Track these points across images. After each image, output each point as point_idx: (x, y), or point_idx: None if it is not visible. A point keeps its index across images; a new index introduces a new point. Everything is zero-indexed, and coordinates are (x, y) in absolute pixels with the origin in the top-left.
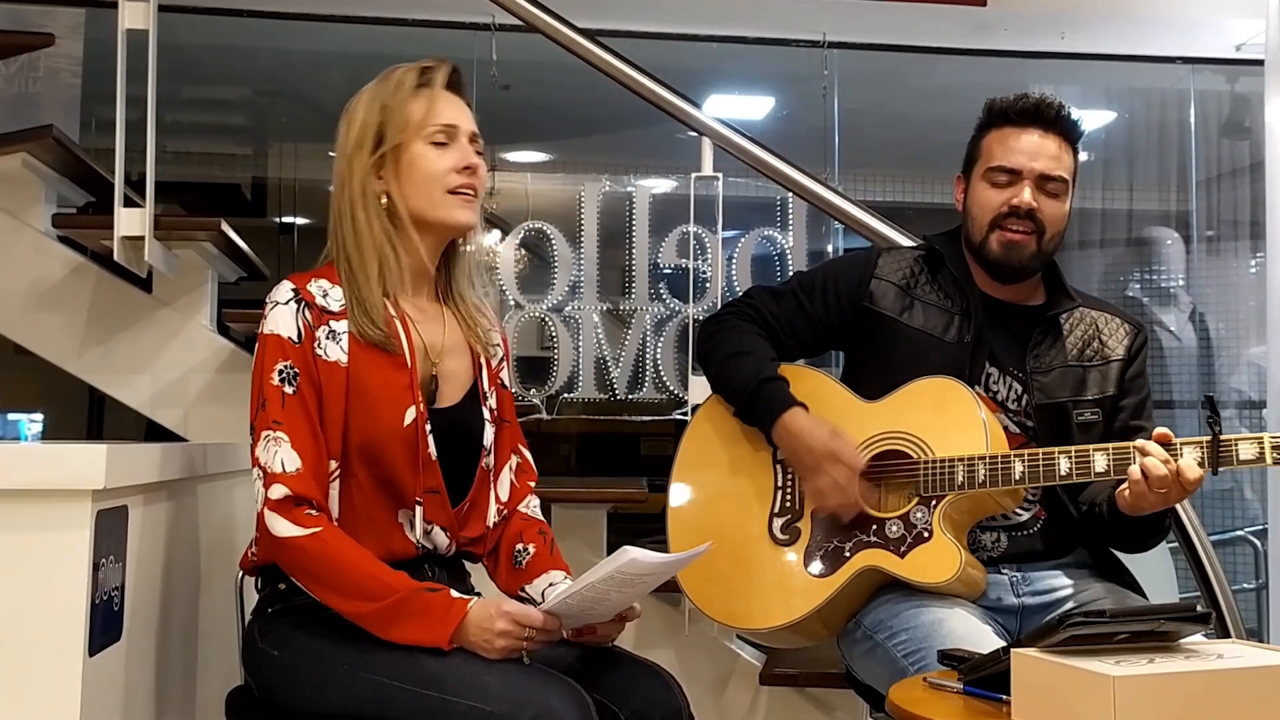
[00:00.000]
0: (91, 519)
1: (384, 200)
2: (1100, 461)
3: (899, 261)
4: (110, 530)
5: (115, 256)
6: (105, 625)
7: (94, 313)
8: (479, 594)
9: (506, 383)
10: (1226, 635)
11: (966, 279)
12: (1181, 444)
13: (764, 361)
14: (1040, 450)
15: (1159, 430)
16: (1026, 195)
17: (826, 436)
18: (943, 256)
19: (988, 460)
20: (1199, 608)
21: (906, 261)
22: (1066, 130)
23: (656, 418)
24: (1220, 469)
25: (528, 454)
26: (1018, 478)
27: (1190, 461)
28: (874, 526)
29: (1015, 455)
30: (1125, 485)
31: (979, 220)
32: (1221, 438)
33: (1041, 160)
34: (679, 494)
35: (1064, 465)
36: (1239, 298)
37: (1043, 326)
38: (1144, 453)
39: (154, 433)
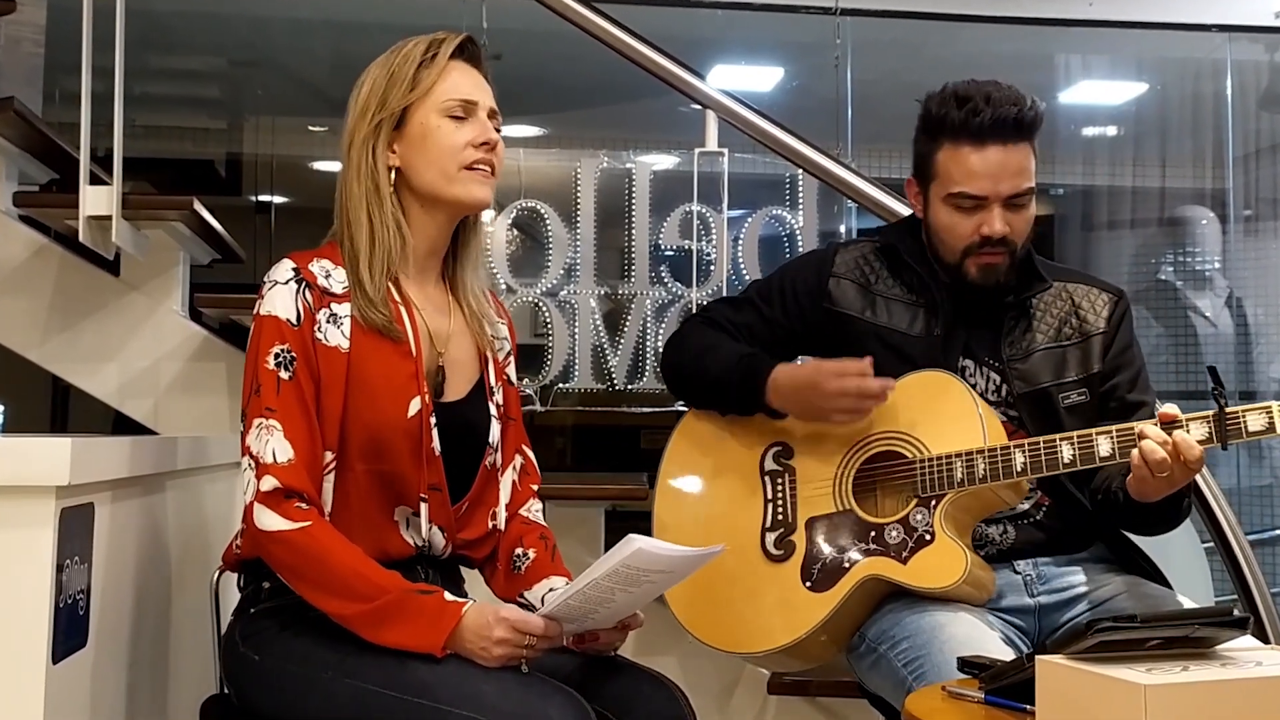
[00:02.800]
0: (55, 518)
1: (392, 175)
2: (1104, 446)
3: (856, 257)
4: (75, 530)
5: (80, 237)
6: (70, 631)
7: (58, 297)
8: (473, 600)
9: (513, 379)
10: (1266, 641)
11: (929, 270)
12: (1187, 420)
13: (736, 348)
14: (1041, 439)
15: (1164, 409)
16: (998, 225)
17: (813, 368)
18: (898, 250)
19: (986, 454)
20: (1236, 612)
21: (863, 256)
22: (1027, 133)
23: (657, 409)
24: (1229, 443)
25: (531, 455)
26: (1019, 469)
27: (1187, 438)
28: (872, 533)
29: (1015, 446)
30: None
31: (950, 245)
32: (1227, 410)
33: (1006, 182)
34: (664, 515)
35: (1067, 453)
36: (1279, 281)
37: (1015, 311)
38: (1141, 435)
39: (122, 425)
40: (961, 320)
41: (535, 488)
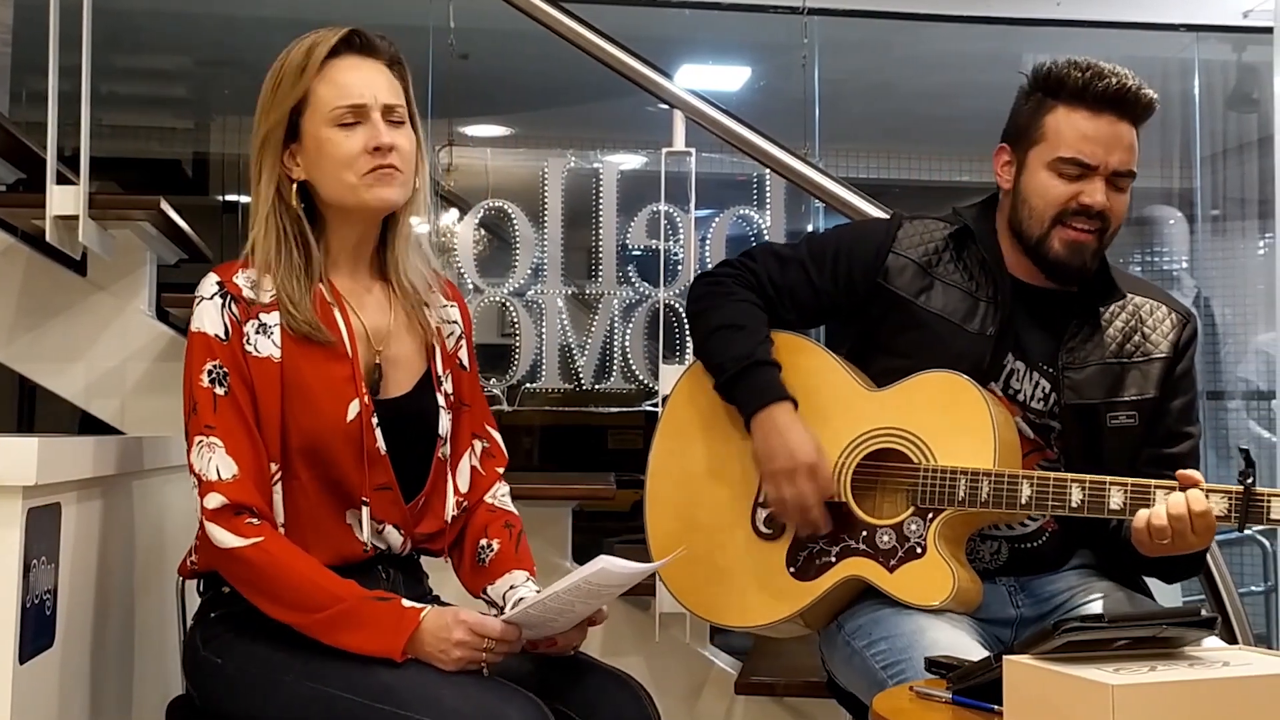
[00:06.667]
0: (22, 517)
1: (295, 187)
2: (1116, 499)
3: (922, 235)
4: (42, 529)
5: (47, 237)
6: (37, 631)
7: (24, 297)
8: (436, 596)
9: (466, 362)
10: (1233, 641)
11: (997, 262)
12: (1208, 491)
13: (757, 340)
14: (1052, 476)
15: (1184, 474)
16: (1101, 196)
17: (814, 447)
18: (972, 234)
19: (993, 478)
20: (1204, 612)
21: (931, 236)
22: (1142, 116)
23: (625, 409)
24: (1248, 527)
25: (496, 435)
26: (1024, 502)
27: (1188, 510)
28: (864, 533)
29: (1024, 477)
30: None
31: (1040, 212)
32: (1254, 491)
33: (1117, 154)
34: (658, 473)
35: (1076, 497)
36: (1246, 281)
37: (1080, 317)
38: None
39: (88, 425)
40: (1022, 319)
41: (500, 470)
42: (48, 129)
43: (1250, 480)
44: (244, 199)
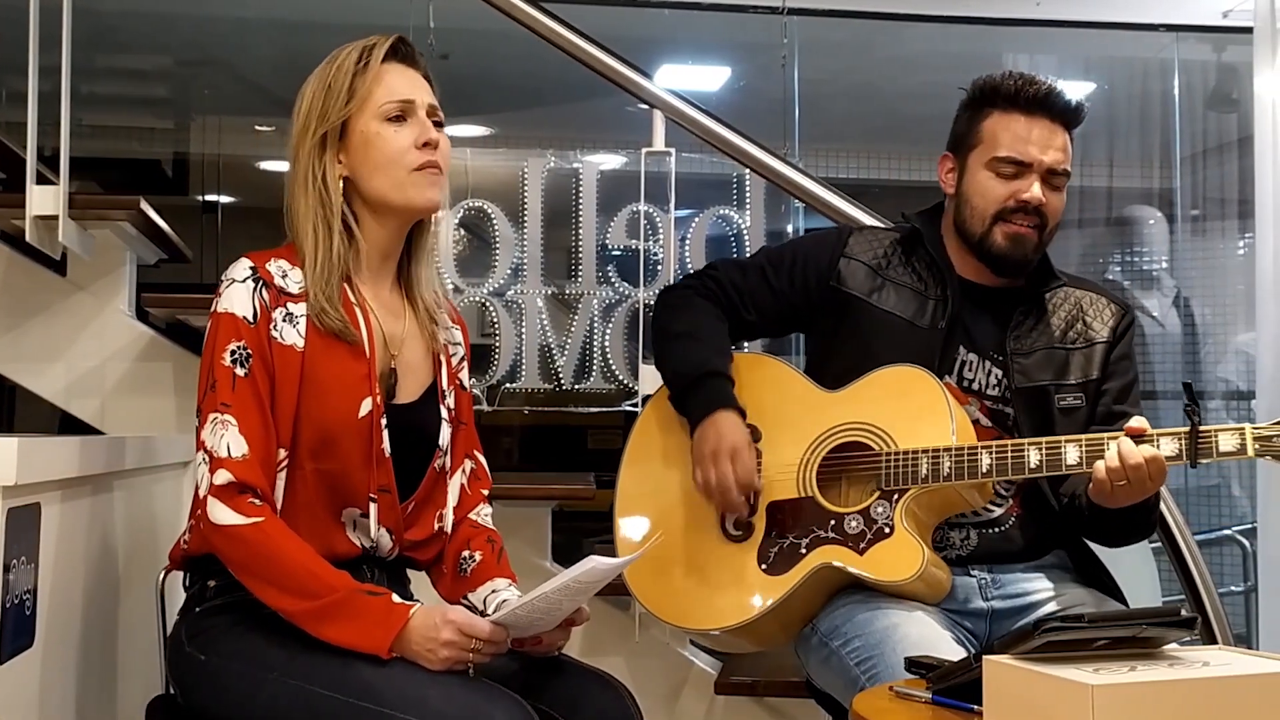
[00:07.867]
0: (1, 517)
1: (340, 184)
2: (1072, 454)
3: (871, 241)
4: (21, 529)
5: (27, 237)
6: (16, 631)
7: (4, 297)
8: (419, 601)
9: (465, 383)
10: (1213, 641)
11: (944, 262)
12: (1158, 435)
13: (713, 351)
14: (1009, 442)
15: (1132, 422)
16: (1037, 190)
17: (744, 437)
18: (921, 236)
19: (953, 452)
20: (1184, 612)
21: (880, 242)
22: (1072, 120)
23: (604, 409)
24: (1199, 462)
25: (482, 459)
26: (985, 470)
27: (1134, 455)
28: (832, 522)
29: (982, 447)
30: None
31: (981, 211)
32: (1201, 428)
33: (1051, 153)
34: (627, 486)
35: (1034, 458)
36: (1226, 281)
37: (1025, 306)
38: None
39: (68, 425)
40: (969, 313)
41: (485, 492)
42: (27, 129)
43: (1197, 418)
44: (224, 199)
